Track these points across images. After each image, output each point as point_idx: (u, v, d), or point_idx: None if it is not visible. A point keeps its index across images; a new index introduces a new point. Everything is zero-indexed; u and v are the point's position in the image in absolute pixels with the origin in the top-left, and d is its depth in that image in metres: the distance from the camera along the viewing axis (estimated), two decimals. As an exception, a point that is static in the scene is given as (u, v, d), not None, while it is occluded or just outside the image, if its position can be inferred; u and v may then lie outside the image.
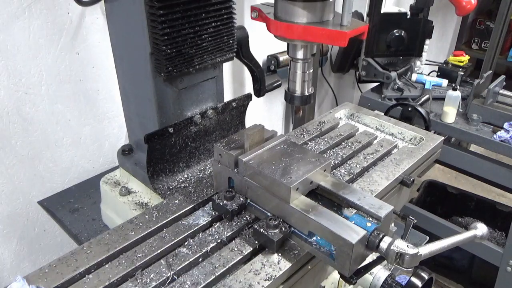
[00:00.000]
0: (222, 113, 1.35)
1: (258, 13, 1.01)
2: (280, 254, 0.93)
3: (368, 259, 1.11)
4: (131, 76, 1.28)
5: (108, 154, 1.90)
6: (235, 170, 1.03)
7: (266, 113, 2.66)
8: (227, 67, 2.11)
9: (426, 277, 1.14)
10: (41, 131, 1.63)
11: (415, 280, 1.14)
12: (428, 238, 1.75)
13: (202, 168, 1.35)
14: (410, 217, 1.18)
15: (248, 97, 1.42)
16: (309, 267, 0.97)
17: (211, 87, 1.34)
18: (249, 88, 2.41)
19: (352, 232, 0.85)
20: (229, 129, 1.42)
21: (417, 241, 1.72)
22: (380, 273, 1.09)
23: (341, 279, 1.06)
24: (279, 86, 2.34)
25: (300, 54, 1.02)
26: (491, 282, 2.40)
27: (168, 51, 1.10)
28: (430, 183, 3.10)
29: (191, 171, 1.33)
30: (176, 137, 1.25)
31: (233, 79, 2.29)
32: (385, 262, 1.09)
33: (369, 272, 1.08)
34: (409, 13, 2.51)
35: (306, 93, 1.06)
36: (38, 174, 1.69)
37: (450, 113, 2.26)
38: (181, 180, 1.29)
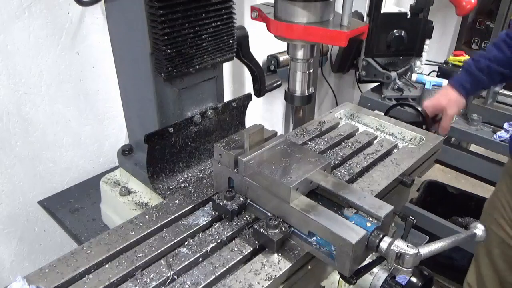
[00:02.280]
0: (222, 113, 1.35)
1: (258, 13, 1.01)
2: (280, 254, 0.93)
3: (368, 259, 1.12)
4: (131, 76, 1.28)
5: (108, 154, 1.90)
6: (235, 170, 1.03)
7: (266, 113, 2.66)
8: (227, 67, 2.11)
9: (426, 277, 1.14)
10: (41, 131, 1.63)
11: (415, 280, 1.14)
12: (428, 238, 1.75)
13: (202, 168, 1.35)
14: (410, 217, 1.17)
15: (248, 97, 1.42)
16: (309, 267, 0.97)
17: (211, 87, 1.34)
18: (249, 88, 2.41)
19: (352, 232, 0.84)
20: (229, 129, 1.42)
21: (417, 241, 1.72)
22: (380, 273, 1.09)
23: (341, 279, 1.06)
24: (279, 86, 2.34)
25: (300, 54, 1.02)
26: (491, 282, 2.40)
27: (168, 51, 1.10)
28: (430, 183, 3.10)
29: (191, 171, 1.33)
30: (176, 137, 1.25)
31: (233, 79, 2.29)
32: (385, 262, 1.09)
33: (369, 272, 1.08)
34: (409, 13, 2.51)
35: (306, 93, 1.06)
36: (38, 174, 1.69)
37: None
38: (181, 180, 1.29)
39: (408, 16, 2.49)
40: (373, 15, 2.39)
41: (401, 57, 2.63)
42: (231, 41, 1.27)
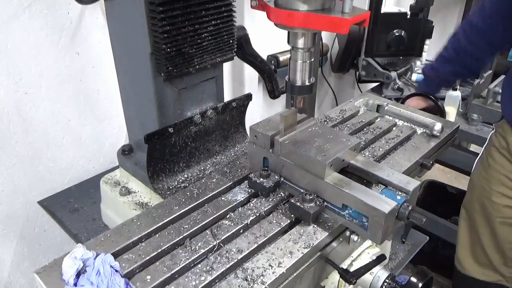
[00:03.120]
0: (222, 113, 1.35)
1: (257, 2, 1.00)
2: (315, 226, 0.99)
3: (368, 259, 1.12)
4: (131, 76, 1.28)
5: (108, 154, 1.90)
6: (271, 150, 1.09)
7: (266, 113, 2.66)
8: (227, 67, 2.11)
9: (426, 277, 1.14)
10: (41, 131, 1.63)
11: (415, 280, 1.14)
12: (428, 238, 1.75)
13: (202, 168, 1.35)
14: (410, 217, 1.18)
15: (248, 97, 1.42)
16: (341, 239, 1.03)
17: (211, 87, 1.34)
18: (249, 88, 2.41)
19: (384, 203, 0.91)
20: (229, 129, 1.42)
21: (417, 241, 1.73)
22: (380, 273, 1.09)
23: (341, 279, 1.06)
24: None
25: (300, 43, 1.01)
26: (491, 282, 2.39)
27: (168, 50, 1.10)
28: (430, 183, 3.09)
29: (191, 171, 1.33)
30: (176, 137, 1.25)
31: (233, 79, 2.29)
32: (385, 262, 1.10)
33: (369, 272, 1.08)
34: (409, 13, 2.51)
35: (307, 83, 1.06)
36: (38, 174, 1.69)
37: (450, 113, 2.25)
38: (181, 180, 1.29)
39: (408, 16, 2.49)
40: (373, 15, 2.39)
41: (401, 57, 2.63)
42: (231, 41, 1.27)
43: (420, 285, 1.13)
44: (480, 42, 1.61)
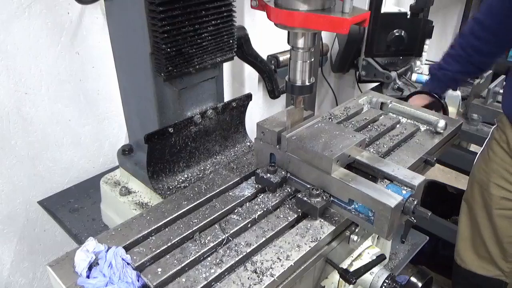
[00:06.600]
0: (222, 113, 1.35)
1: (257, 2, 1.00)
2: (321, 220, 1.01)
3: (368, 259, 1.12)
4: (131, 76, 1.28)
5: (108, 154, 1.90)
6: (277, 146, 1.10)
7: (266, 113, 2.66)
8: (227, 67, 2.11)
9: (426, 277, 1.14)
10: (41, 131, 1.63)
11: (415, 280, 1.14)
12: (428, 238, 1.75)
13: (202, 168, 1.35)
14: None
15: (248, 97, 1.42)
16: (347, 234, 1.04)
17: (211, 87, 1.34)
18: (249, 88, 2.41)
19: (390, 197, 0.92)
20: (229, 129, 1.42)
21: (417, 241, 1.73)
22: (380, 273, 1.09)
23: (341, 279, 1.06)
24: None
25: (300, 43, 1.01)
26: (491, 282, 2.39)
27: (168, 49, 1.10)
28: (430, 183, 3.09)
29: (191, 171, 1.33)
30: (176, 137, 1.25)
31: (233, 79, 2.29)
32: (385, 262, 1.10)
33: (369, 272, 1.09)
34: (409, 13, 2.51)
35: (307, 83, 1.06)
36: (38, 174, 1.69)
37: (450, 113, 2.25)
38: (181, 180, 1.29)
39: (408, 16, 2.49)
40: (373, 15, 2.39)
41: (401, 57, 2.63)
42: (231, 41, 1.27)
43: (420, 285, 1.13)
44: (488, 37, 1.63)
